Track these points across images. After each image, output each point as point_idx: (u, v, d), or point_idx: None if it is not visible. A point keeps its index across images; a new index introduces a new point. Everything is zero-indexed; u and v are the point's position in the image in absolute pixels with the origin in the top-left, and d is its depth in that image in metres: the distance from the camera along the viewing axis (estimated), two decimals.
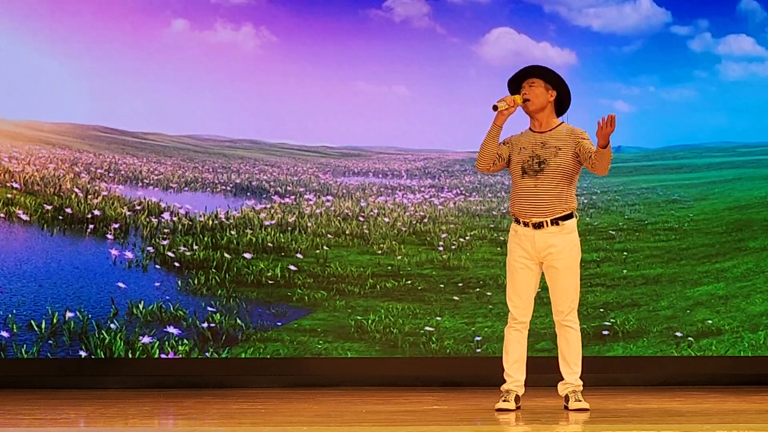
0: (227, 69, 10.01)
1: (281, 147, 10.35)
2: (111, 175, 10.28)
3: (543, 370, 7.80)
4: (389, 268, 10.09)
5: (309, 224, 10.23)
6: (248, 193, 10.43)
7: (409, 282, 10.04)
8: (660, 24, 10.10)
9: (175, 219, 10.17)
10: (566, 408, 7.13)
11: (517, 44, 9.98)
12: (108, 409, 7.57)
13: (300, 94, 10.01)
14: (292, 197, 10.39)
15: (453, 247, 10.17)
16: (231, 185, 10.44)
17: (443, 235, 10.24)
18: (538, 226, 7.07)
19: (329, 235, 10.19)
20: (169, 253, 10.06)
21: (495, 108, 7.02)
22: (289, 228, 10.21)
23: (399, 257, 10.11)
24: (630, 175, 10.47)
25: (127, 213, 10.10)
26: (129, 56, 9.92)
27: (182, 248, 10.06)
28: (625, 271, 10.06)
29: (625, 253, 10.11)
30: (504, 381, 7.18)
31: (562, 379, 7.19)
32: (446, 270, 10.11)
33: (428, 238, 10.20)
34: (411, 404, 7.79)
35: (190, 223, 10.13)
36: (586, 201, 10.33)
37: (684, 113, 10.09)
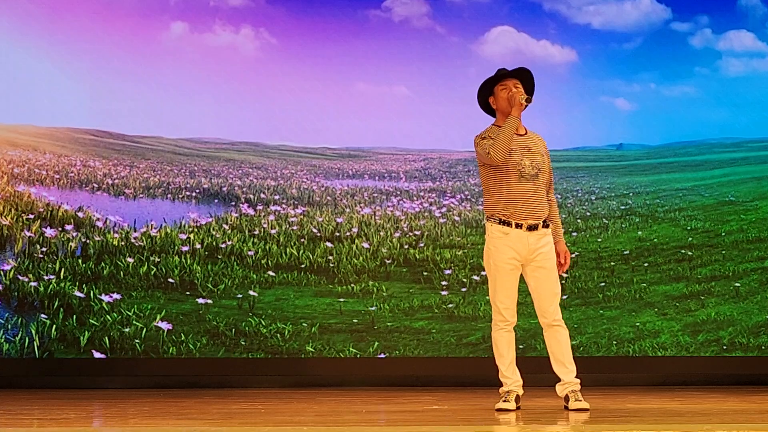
0: (227, 71, 9.98)
1: (280, 149, 9.95)
2: (56, 177, 9.29)
3: (543, 370, 7.79)
4: (355, 320, 8.10)
5: (252, 252, 8.36)
6: (215, 200, 9.13)
7: (386, 352, 7.99)
8: (660, 21, 10.10)
9: (71, 235, 8.72)
10: (566, 408, 7.13)
11: (517, 43, 9.97)
12: (108, 409, 7.58)
13: (300, 95, 9.96)
14: (261, 206, 9.00)
15: (463, 288, 8.57)
16: (197, 191, 9.27)
17: (447, 271, 8.35)
18: (533, 228, 7.11)
19: (270, 272, 8.17)
20: None
21: (528, 101, 7.02)
22: (221, 254, 8.30)
23: (374, 307, 8.06)
24: (654, 173, 10.02)
25: (3, 223, 8.66)
26: (128, 60, 9.89)
27: (25, 278, 8.37)
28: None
29: (736, 284, 8.68)
30: (500, 383, 7.19)
31: (559, 380, 7.19)
32: (454, 322, 8.43)
33: (425, 272, 8.46)
34: (411, 404, 7.79)
35: (86, 241, 8.64)
36: (623, 207, 9.59)
37: (685, 110, 10.08)
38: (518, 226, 7.10)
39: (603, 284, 9.17)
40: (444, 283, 8.44)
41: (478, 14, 10.01)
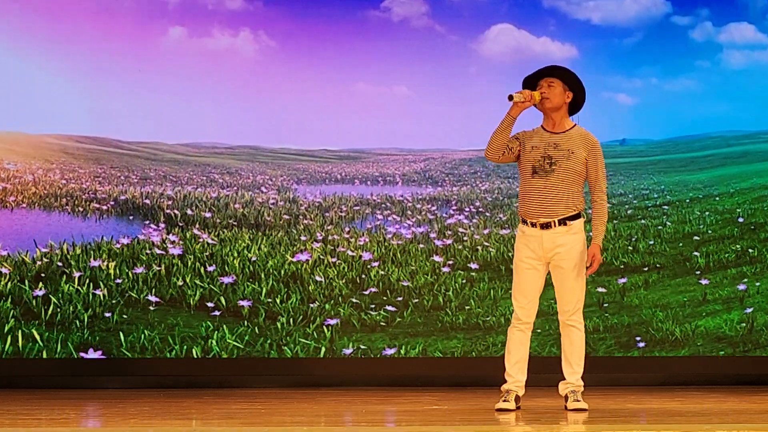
0: (226, 74, 9.95)
1: (278, 152, 9.73)
2: None
3: (543, 370, 7.80)
4: None
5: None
6: (130, 216, 7.60)
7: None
8: (660, 14, 10.08)
9: None
10: (566, 408, 7.14)
11: (517, 40, 9.94)
12: (108, 409, 7.59)
13: (300, 96, 9.90)
14: (166, 231, 7.41)
15: None
16: (111, 204, 7.83)
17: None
18: (546, 226, 7.07)
19: None
20: None
21: (510, 98, 6.96)
22: None
23: None
24: (698, 170, 9.58)
25: None
26: (127, 64, 9.83)
27: None
28: None
29: None
30: (504, 381, 7.19)
31: (564, 378, 7.20)
32: None
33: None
34: (411, 404, 7.79)
35: None
36: (740, 220, 8.50)
37: (687, 104, 10.07)
38: (533, 224, 7.10)
39: None
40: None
41: (477, 12, 9.99)
